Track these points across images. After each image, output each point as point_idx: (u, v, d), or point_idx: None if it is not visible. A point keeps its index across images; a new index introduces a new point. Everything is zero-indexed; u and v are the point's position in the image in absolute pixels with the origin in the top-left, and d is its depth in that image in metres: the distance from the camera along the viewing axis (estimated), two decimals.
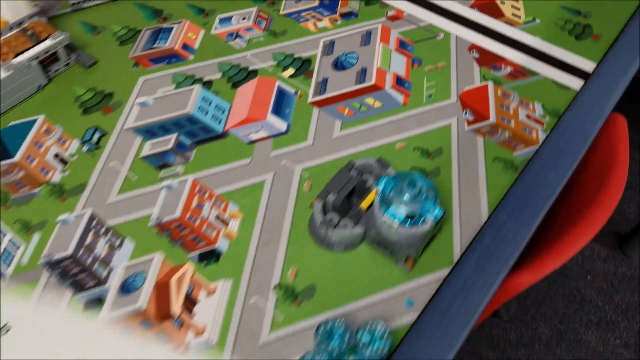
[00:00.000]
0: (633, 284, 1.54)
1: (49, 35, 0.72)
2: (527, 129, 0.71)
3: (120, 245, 0.61)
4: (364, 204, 0.61)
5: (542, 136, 0.71)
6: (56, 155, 0.68)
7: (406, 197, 0.55)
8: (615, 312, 1.49)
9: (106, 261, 0.59)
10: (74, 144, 0.69)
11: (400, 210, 0.56)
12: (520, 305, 1.49)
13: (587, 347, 1.43)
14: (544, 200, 0.60)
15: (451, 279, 0.54)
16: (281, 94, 0.75)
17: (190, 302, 0.57)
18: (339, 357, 0.51)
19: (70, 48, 0.76)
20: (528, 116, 0.73)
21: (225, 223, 0.63)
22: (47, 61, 0.73)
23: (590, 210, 0.66)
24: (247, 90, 0.75)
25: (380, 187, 0.57)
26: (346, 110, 0.73)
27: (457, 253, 0.61)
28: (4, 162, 0.67)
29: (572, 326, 1.47)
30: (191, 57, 0.79)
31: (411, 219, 0.56)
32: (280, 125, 0.72)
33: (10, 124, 0.71)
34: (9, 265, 0.59)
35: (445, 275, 0.59)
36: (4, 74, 0.68)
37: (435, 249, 0.61)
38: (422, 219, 0.56)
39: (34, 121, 0.71)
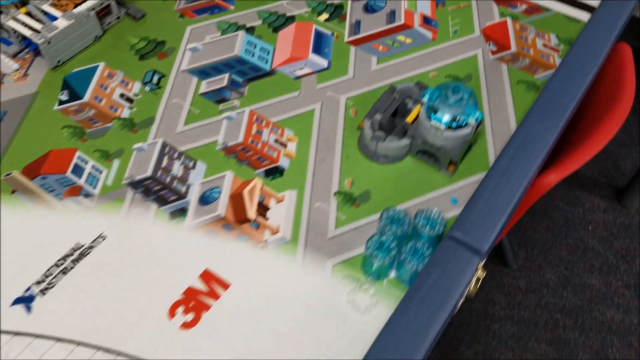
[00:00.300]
0: (631, 231, 1.64)
1: None
2: (544, 56, 0.79)
3: (193, 167, 0.67)
4: (410, 118, 0.68)
5: (558, 61, 0.79)
6: (122, 95, 0.74)
7: (450, 101, 0.63)
8: (616, 257, 1.58)
9: (183, 179, 0.66)
10: (136, 85, 0.75)
11: (446, 115, 0.63)
12: (528, 255, 1.58)
13: (591, 290, 1.52)
14: (564, 108, 0.68)
15: (488, 178, 0.62)
16: (319, 35, 0.82)
17: (263, 209, 0.64)
18: (402, 237, 0.58)
19: (119, 3, 0.82)
20: (545, 45, 0.81)
21: (284, 145, 0.70)
22: (101, 14, 0.79)
23: (605, 120, 0.75)
24: (287, 33, 0.82)
25: (426, 97, 0.65)
26: (380, 47, 0.81)
27: (491, 159, 0.69)
28: (74, 102, 0.73)
29: (576, 271, 1.56)
30: (232, 7, 0.86)
31: (455, 122, 0.63)
32: (322, 62, 0.79)
33: (73, 71, 0.77)
34: (95, 186, 0.65)
35: (483, 177, 0.67)
36: (65, 23, 0.74)
37: (473, 156, 0.69)
38: (464, 122, 0.64)
39: (96, 67, 0.77)
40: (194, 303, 0.57)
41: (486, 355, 1.38)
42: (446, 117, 0.64)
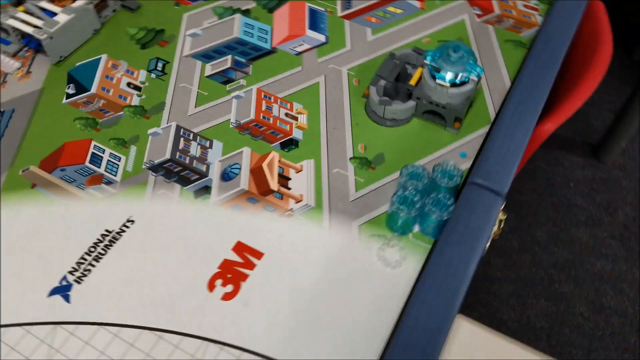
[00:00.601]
0: (610, 184, 1.71)
1: None
2: (526, 15, 0.83)
3: (210, 146, 0.69)
4: (413, 81, 0.71)
5: (539, 19, 0.83)
6: (129, 84, 0.75)
7: (452, 59, 0.66)
8: (599, 210, 1.65)
9: (202, 159, 0.68)
10: (142, 73, 0.76)
11: (449, 73, 0.66)
12: (517, 216, 1.63)
13: (579, 243, 1.58)
14: (554, 60, 0.72)
15: (497, 127, 0.65)
16: (313, 12, 0.84)
17: (284, 179, 0.66)
18: (424, 190, 0.61)
19: None
20: (525, 5, 0.85)
21: (295, 118, 0.72)
22: (99, 7, 0.80)
23: (589, 70, 0.79)
24: (282, 13, 0.84)
25: (428, 58, 0.68)
26: (373, 19, 0.83)
27: (491, 113, 0.72)
28: (83, 95, 0.74)
29: (564, 227, 1.62)
30: None
31: (458, 79, 0.67)
32: (320, 37, 0.81)
33: (77, 65, 0.77)
34: (115, 173, 0.67)
35: (487, 131, 0.70)
36: (66, 17, 0.75)
37: (474, 112, 0.73)
38: (467, 78, 0.67)
39: (99, 59, 0.78)
40: (231, 275, 0.59)
41: (489, 316, 1.44)
42: (449, 75, 0.67)
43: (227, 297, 0.58)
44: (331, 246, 0.61)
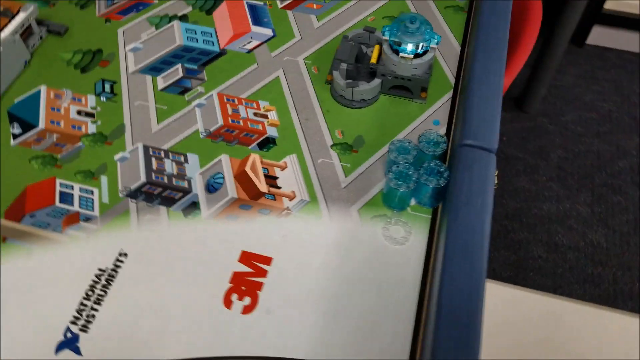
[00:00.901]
0: (537, 131, 1.81)
1: (19, 9, 0.72)
2: None
3: (186, 160, 0.66)
4: (373, 59, 0.71)
5: None
6: (79, 112, 0.70)
7: (411, 31, 0.66)
8: (533, 157, 1.75)
9: (181, 175, 0.64)
10: (90, 98, 0.71)
11: (409, 45, 0.67)
12: None
13: (523, 191, 1.67)
14: (504, 13, 0.74)
15: (471, 88, 0.66)
16: (253, 8, 0.82)
17: (271, 179, 0.64)
18: (414, 163, 0.61)
19: (38, 22, 0.76)
20: None
21: (264, 116, 0.70)
22: (24, 36, 0.73)
23: (525, 28, 0.83)
24: (221, 12, 0.81)
25: (387, 34, 0.68)
26: (314, 5, 0.82)
27: (450, 77, 0.74)
28: (31, 133, 0.68)
29: (506, 179, 1.70)
30: (155, 0, 0.83)
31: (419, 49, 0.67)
32: (266, 31, 0.79)
33: (15, 101, 0.71)
34: (92, 208, 0.62)
35: (451, 96, 0.72)
36: None
37: (434, 80, 0.74)
38: (428, 47, 0.68)
39: (38, 92, 0.72)
40: (245, 287, 0.57)
41: None
42: (410, 47, 0.68)
43: (248, 309, 0.55)
44: (336, 235, 0.60)
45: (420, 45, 0.67)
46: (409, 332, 0.54)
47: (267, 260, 0.58)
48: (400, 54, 0.68)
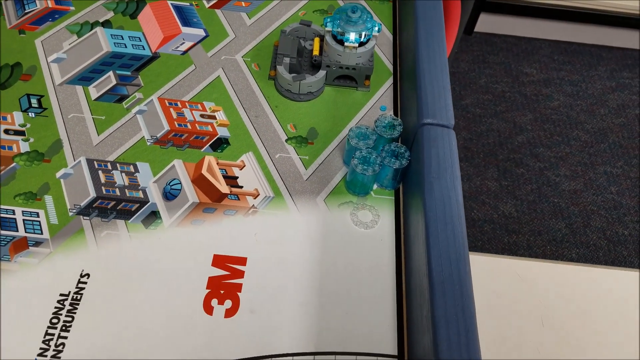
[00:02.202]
0: None
1: None
2: None
3: (136, 170, 0.62)
4: (315, 51, 0.72)
5: None
6: (6, 131, 0.64)
7: (353, 20, 0.68)
8: None
9: (134, 185, 0.61)
10: (17, 115, 0.65)
11: (352, 34, 0.68)
12: None
13: None
14: (439, 6, 0.77)
15: (420, 68, 0.68)
16: (179, 9, 0.79)
17: (231, 180, 0.63)
18: (376, 144, 0.63)
19: None
20: None
21: (212, 117, 0.68)
22: None
23: (450, 14, 0.88)
24: (147, 16, 0.78)
25: (329, 25, 0.69)
26: (243, 3, 0.81)
27: (388, 64, 0.76)
28: None
29: None
30: (71, 8, 0.77)
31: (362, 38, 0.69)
32: (198, 32, 0.77)
33: None
34: (40, 231, 0.57)
35: (392, 82, 0.74)
36: None
37: (375, 69, 0.76)
38: (370, 35, 0.69)
39: None
40: (223, 290, 0.55)
41: None
42: (353, 36, 0.69)
43: (230, 313, 0.54)
44: (307, 227, 0.60)
45: (363, 34, 0.69)
46: (392, 309, 0.55)
47: (242, 261, 0.57)
48: (345, 44, 0.69)
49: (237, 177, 0.63)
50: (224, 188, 0.62)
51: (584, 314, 0.70)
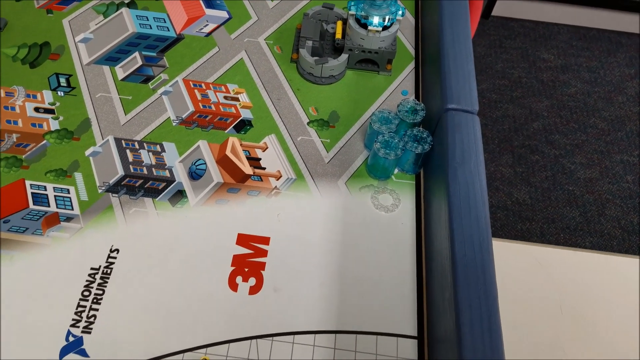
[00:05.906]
0: None
1: None
2: None
3: (163, 150, 0.64)
4: (338, 34, 0.72)
5: None
6: (37, 109, 0.65)
7: (378, 3, 0.68)
8: None
9: (161, 165, 0.62)
10: (47, 94, 0.67)
11: (375, 17, 0.69)
12: None
13: None
14: None
15: (444, 54, 0.68)
16: None
17: (254, 161, 0.64)
18: (398, 129, 0.64)
19: None
20: None
21: (236, 99, 0.69)
22: None
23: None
24: None
25: (353, 8, 0.69)
26: None
27: (410, 48, 0.77)
28: None
29: None
30: None
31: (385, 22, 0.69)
32: (222, 14, 0.78)
33: None
34: (71, 207, 0.58)
35: (414, 66, 0.75)
36: None
37: (397, 52, 0.76)
38: (394, 19, 0.70)
39: None
40: (248, 268, 0.56)
41: None
42: (377, 19, 0.69)
43: (254, 290, 0.55)
44: (328, 209, 0.61)
45: (387, 17, 0.69)
46: (412, 291, 0.56)
47: (265, 240, 0.58)
48: (369, 28, 0.69)
49: (260, 159, 0.64)
50: (247, 169, 0.63)
51: (601, 301, 0.71)
